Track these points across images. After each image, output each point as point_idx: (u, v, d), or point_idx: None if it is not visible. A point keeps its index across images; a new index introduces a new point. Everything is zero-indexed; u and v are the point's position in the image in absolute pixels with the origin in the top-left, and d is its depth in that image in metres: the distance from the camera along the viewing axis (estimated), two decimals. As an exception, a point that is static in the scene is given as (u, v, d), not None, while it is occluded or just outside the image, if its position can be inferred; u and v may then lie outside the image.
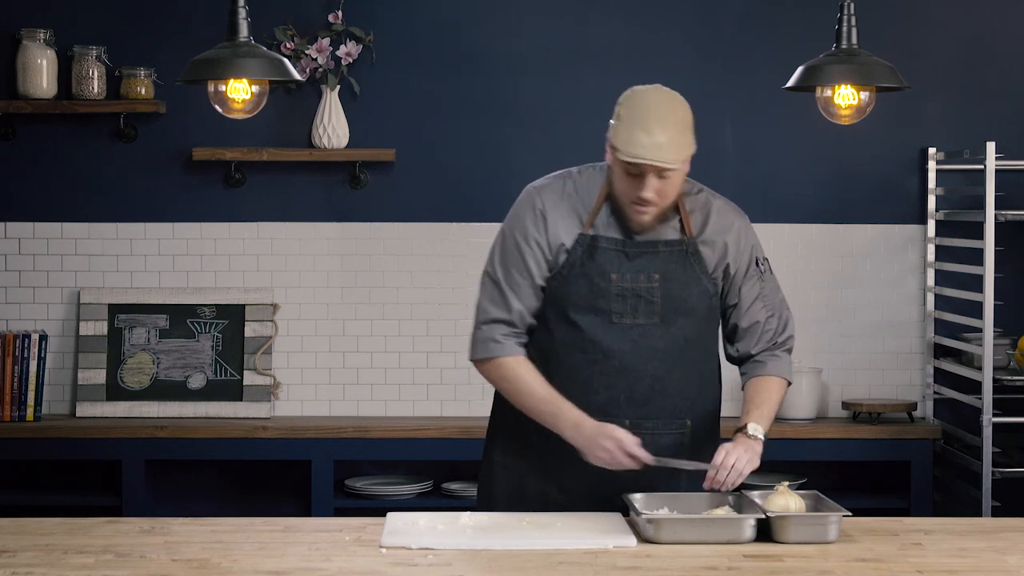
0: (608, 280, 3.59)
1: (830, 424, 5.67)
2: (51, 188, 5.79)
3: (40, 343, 5.67)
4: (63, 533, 3.39)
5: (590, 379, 3.61)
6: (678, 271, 3.61)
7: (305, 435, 5.54)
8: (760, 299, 3.70)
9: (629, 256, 3.60)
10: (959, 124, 5.82)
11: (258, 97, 4.12)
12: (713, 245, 3.65)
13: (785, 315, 3.75)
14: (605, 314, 3.60)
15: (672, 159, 3.47)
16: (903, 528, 3.48)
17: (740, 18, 5.82)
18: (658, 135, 3.46)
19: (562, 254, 3.61)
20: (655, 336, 3.61)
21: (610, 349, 3.60)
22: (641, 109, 3.51)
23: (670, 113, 3.51)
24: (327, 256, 5.82)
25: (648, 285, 3.60)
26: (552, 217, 3.62)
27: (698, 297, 3.63)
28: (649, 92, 3.56)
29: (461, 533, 3.34)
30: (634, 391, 3.61)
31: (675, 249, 3.62)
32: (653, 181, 3.49)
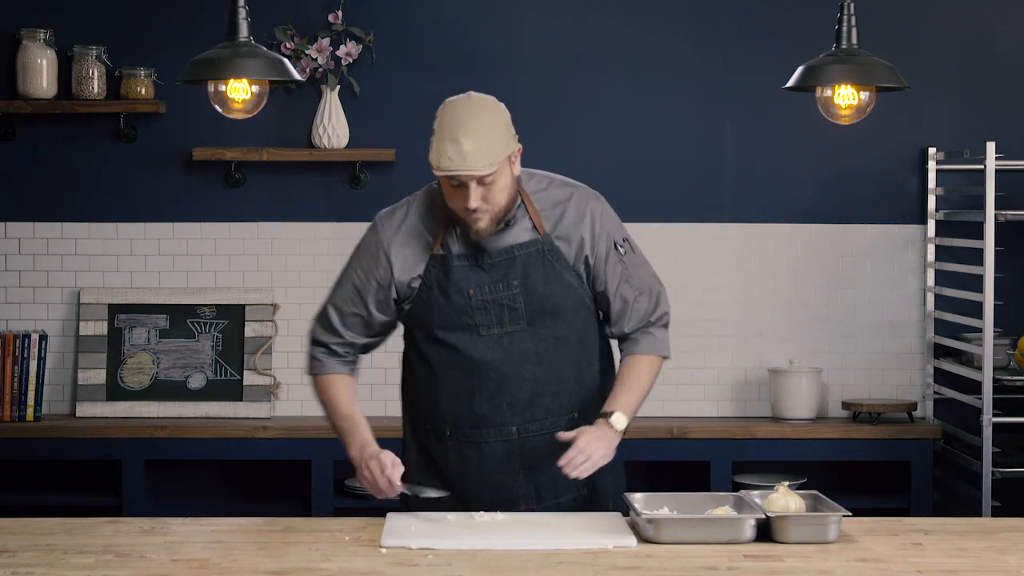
0: (466, 296, 3.63)
1: (830, 424, 5.67)
2: (51, 188, 5.79)
3: (40, 343, 5.67)
4: (63, 533, 3.39)
5: (471, 393, 3.66)
6: (537, 272, 3.62)
7: (305, 435, 5.54)
8: (625, 280, 3.70)
9: (484, 268, 3.62)
10: (959, 124, 5.82)
11: (258, 97, 4.12)
12: (569, 239, 3.65)
13: (656, 291, 3.76)
14: (472, 328, 3.64)
15: (481, 165, 3.46)
16: (903, 528, 3.48)
17: (740, 18, 5.82)
18: (465, 144, 3.45)
19: (415, 281, 3.65)
20: (525, 340, 3.64)
21: (483, 361, 3.64)
22: (448, 120, 3.50)
23: (476, 119, 3.49)
24: (327, 256, 5.82)
25: (508, 293, 3.62)
26: (395, 250, 3.66)
27: (562, 294, 3.65)
28: (457, 102, 3.55)
29: (461, 533, 3.35)
30: (515, 398, 3.65)
31: (531, 250, 3.63)
32: (476, 189, 3.49)
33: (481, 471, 3.65)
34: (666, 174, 5.84)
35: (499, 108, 3.57)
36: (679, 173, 5.83)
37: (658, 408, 5.78)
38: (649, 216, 5.80)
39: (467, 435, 3.67)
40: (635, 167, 5.82)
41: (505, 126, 3.55)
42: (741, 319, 5.84)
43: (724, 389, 5.86)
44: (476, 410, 3.65)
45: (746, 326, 5.84)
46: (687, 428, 5.57)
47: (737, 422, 5.70)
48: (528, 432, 3.64)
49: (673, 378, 5.79)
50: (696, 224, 5.84)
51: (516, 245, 3.61)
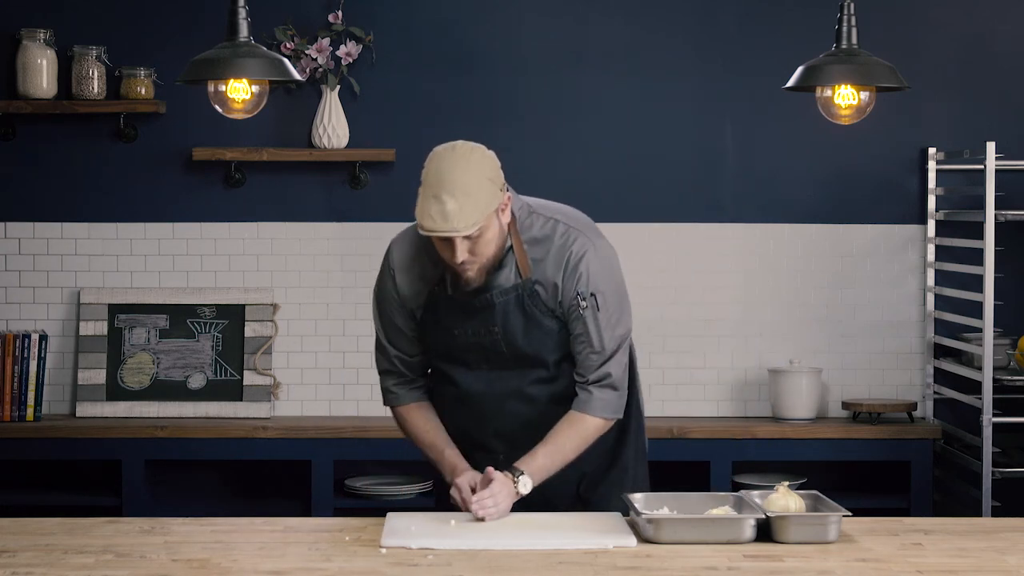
0: (452, 335, 3.66)
1: (830, 424, 5.67)
2: (51, 188, 5.79)
3: (40, 343, 5.67)
4: (63, 533, 3.39)
5: (467, 420, 3.74)
6: (516, 318, 3.62)
7: (305, 435, 5.54)
8: (580, 335, 3.64)
9: (467, 312, 3.63)
10: (959, 124, 5.82)
11: (258, 97, 4.12)
12: (545, 285, 3.61)
13: (608, 351, 3.64)
14: (462, 362, 3.69)
15: (464, 226, 3.42)
16: (903, 528, 3.48)
17: (740, 18, 5.82)
18: (448, 203, 3.42)
19: (418, 311, 3.68)
20: (510, 378, 3.68)
21: (470, 391, 3.70)
22: (433, 176, 3.48)
23: (459, 176, 3.45)
24: (327, 256, 5.82)
25: (490, 337, 3.64)
26: (400, 278, 3.68)
27: (541, 340, 3.64)
28: (443, 156, 3.50)
29: (461, 533, 3.35)
30: (500, 427, 3.71)
31: (510, 296, 3.62)
32: (462, 244, 3.47)
33: None
34: (666, 174, 5.84)
35: (484, 160, 3.49)
36: (679, 173, 5.83)
37: (658, 408, 5.78)
38: (649, 216, 5.80)
39: (463, 452, 3.73)
40: (635, 167, 5.82)
41: (490, 180, 3.48)
42: (741, 319, 5.84)
43: (724, 389, 5.86)
44: (469, 434, 3.74)
45: (746, 326, 5.84)
46: (687, 428, 5.57)
47: (737, 422, 5.70)
48: (515, 458, 3.63)
49: (673, 378, 5.79)
50: (696, 224, 5.83)
51: (497, 291, 3.60)
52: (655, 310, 5.81)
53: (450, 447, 3.72)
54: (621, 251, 3.80)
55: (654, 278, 5.83)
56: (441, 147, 3.53)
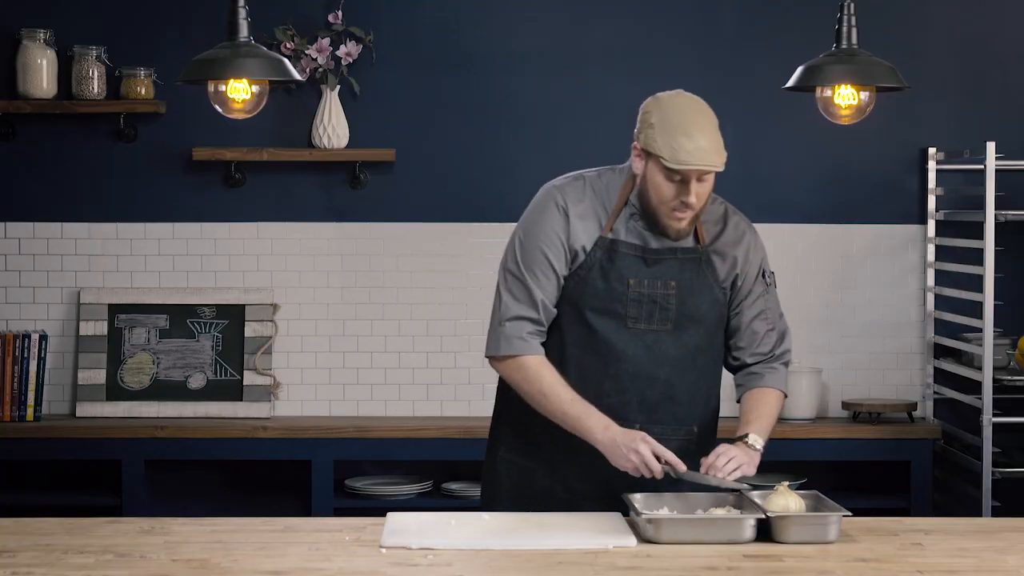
0: (626, 285, 3.60)
1: (830, 424, 5.67)
2: (51, 188, 5.79)
3: (40, 343, 5.67)
4: (63, 533, 3.39)
5: (602, 382, 3.62)
6: (693, 279, 3.63)
7: (305, 435, 5.54)
8: (762, 312, 3.71)
9: (648, 262, 3.61)
10: (959, 124, 5.82)
11: (258, 97, 4.12)
12: (724, 256, 3.66)
13: (783, 329, 3.77)
14: (620, 318, 3.61)
15: (718, 162, 3.48)
16: (903, 528, 3.48)
17: (740, 18, 5.82)
18: (700, 140, 3.46)
19: (581, 254, 3.61)
20: (668, 342, 3.63)
21: (623, 353, 3.61)
22: (676, 115, 3.49)
23: (705, 116, 3.51)
24: (327, 256, 5.82)
25: (664, 292, 3.61)
26: (573, 216, 3.61)
27: (709, 306, 3.65)
28: (678, 97, 3.55)
29: (461, 533, 3.34)
30: (645, 396, 3.63)
31: (690, 257, 3.63)
32: (696, 186, 3.49)
33: (592, 461, 3.56)
34: (666, 174, 5.82)
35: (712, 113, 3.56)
36: (679, 173, 5.82)
37: (658, 408, 5.77)
38: (649, 216, 5.79)
39: None
40: (635, 167, 5.81)
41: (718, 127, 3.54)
42: (741, 319, 5.83)
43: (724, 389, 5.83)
44: (603, 400, 3.59)
45: (746, 326, 5.83)
46: (687, 428, 5.56)
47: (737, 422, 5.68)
48: (651, 433, 3.55)
49: (673, 378, 5.79)
50: (696, 224, 5.83)
51: (680, 248, 3.61)
52: (655, 310, 5.80)
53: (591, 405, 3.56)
54: (621, 251, 3.79)
55: (654, 278, 5.82)
56: (664, 94, 3.55)
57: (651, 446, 3.49)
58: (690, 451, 3.64)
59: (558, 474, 3.67)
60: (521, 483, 3.71)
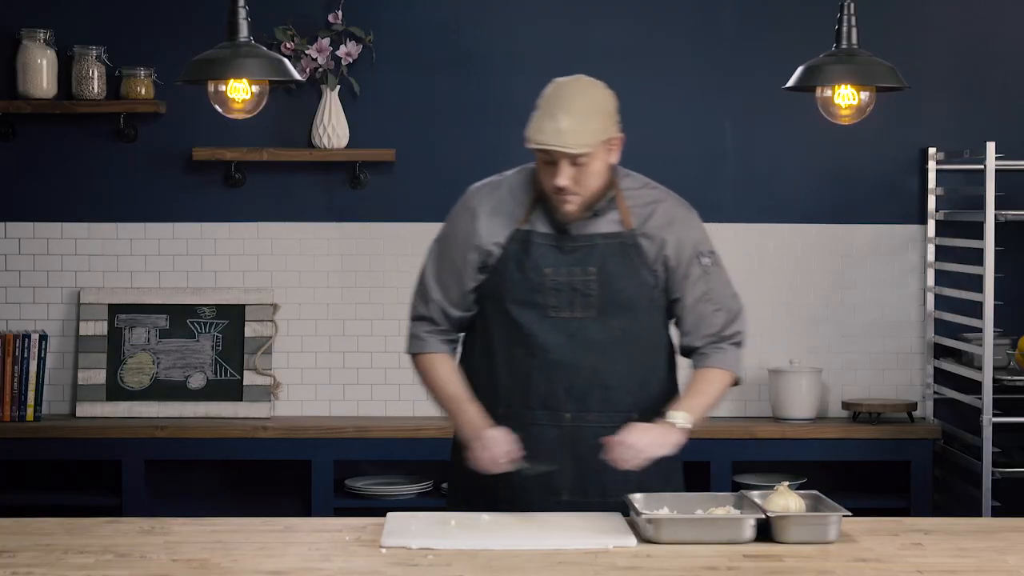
0: (542, 274, 3.62)
1: (830, 424, 5.67)
2: (51, 188, 5.79)
3: (40, 343, 5.67)
4: (63, 533, 3.39)
5: (529, 373, 3.64)
6: (616, 264, 3.62)
7: (305, 435, 5.54)
8: (704, 293, 3.68)
9: (563, 250, 3.62)
10: (959, 124, 5.82)
11: (258, 97, 4.12)
12: (653, 239, 3.65)
13: (735, 309, 3.73)
14: (541, 308, 3.63)
15: (573, 143, 3.48)
16: (903, 528, 3.48)
17: (740, 18, 5.82)
18: (562, 120, 3.49)
19: (496, 249, 3.64)
20: (592, 329, 3.63)
21: (546, 343, 3.62)
22: (551, 98, 3.55)
23: (579, 99, 3.54)
24: (327, 256, 5.82)
25: (584, 279, 3.61)
26: (483, 215, 3.67)
27: (636, 289, 3.64)
28: (564, 81, 3.62)
29: (461, 533, 3.35)
30: (572, 384, 3.63)
31: (613, 242, 3.63)
32: (566, 168, 3.51)
33: (529, 455, 3.58)
34: (666, 174, 5.78)
35: (604, 93, 3.60)
36: (679, 173, 5.81)
37: (658, 408, 5.78)
38: (649, 216, 5.79)
39: (520, 415, 3.64)
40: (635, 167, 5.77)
41: (607, 111, 3.56)
42: (741, 319, 5.83)
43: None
44: (532, 391, 3.63)
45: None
46: (687, 428, 5.56)
47: (737, 422, 5.70)
48: (582, 422, 3.61)
49: (673, 378, 5.79)
50: (696, 224, 5.83)
51: (599, 234, 3.62)
52: (655, 310, 5.80)
53: (473, 402, 3.64)
54: (621, 251, 3.80)
55: (654, 278, 5.82)
56: (561, 78, 3.63)
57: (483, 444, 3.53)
58: None
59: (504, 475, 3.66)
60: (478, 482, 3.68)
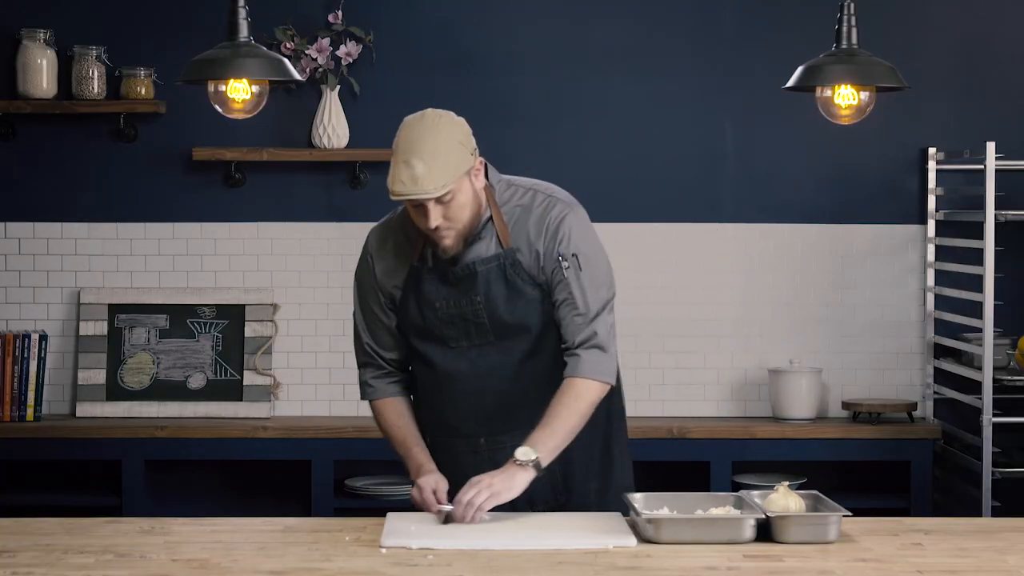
0: (434, 309, 3.62)
1: (830, 424, 5.67)
2: (51, 188, 5.79)
3: (40, 343, 5.67)
4: (63, 533, 3.39)
5: (441, 401, 3.68)
6: (499, 288, 3.59)
7: (305, 435, 5.54)
8: (567, 299, 3.60)
9: (450, 282, 3.60)
10: (959, 124, 5.82)
11: (258, 97, 4.13)
12: (527, 251, 3.60)
13: (593, 311, 3.60)
14: (441, 341, 3.65)
15: (432, 188, 3.41)
16: (903, 528, 3.48)
17: (740, 18, 5.82)
18: (416, 166, 3.41)
19: (396, 291, 3.66)
20: (491, 354, 3.63)
21: (449, 371, 3.65)
22: (402, 143, 3.47)
23: (428, 140, 3.44)
24: (327, 256, 5.82)
25: (472, 308, 3.60)
26: (378, 260, 3.68)
27: (525, 310, 3.61)
28: (412, 123, 3.50)
29: (461, 533, 3.35)
30: (480, 410, 3.65)
31: (492, 266, 3.59)
32: (435, 208, 3.46)
33: (455, 479, 3.59)
34: (666, 174, 5.84)
35: (453, 125, 3.48)
36: (679, 173, 5.83)
37: (658, 408, 5.78)
38: (649, 216, 5.80)
39: (443, 444, 3.71)
40: (635, 167, 5.82)
41: (459, 143, 3.46)
42: (741, 319, 5.84)
43: (724, 389, 5.86)
44: (447, 420, 3.69)
45: (746, 326, 5.84)
46: (687, 428, 5.57)
47: (737, 422, 5.70)
48: (497, 444, 3.63)
49: (673, 378, 5.79)
50: (696, 224, 5.83)
51: (479, 260, 3.59)
52: (655, 310, 5.81)
53: (418, 446, 3.69)
54: (621, 251, 3.82)
55: (654, 278, 5.83)
56: (410, 116, 3.53)
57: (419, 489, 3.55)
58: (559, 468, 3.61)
59: None
60: None
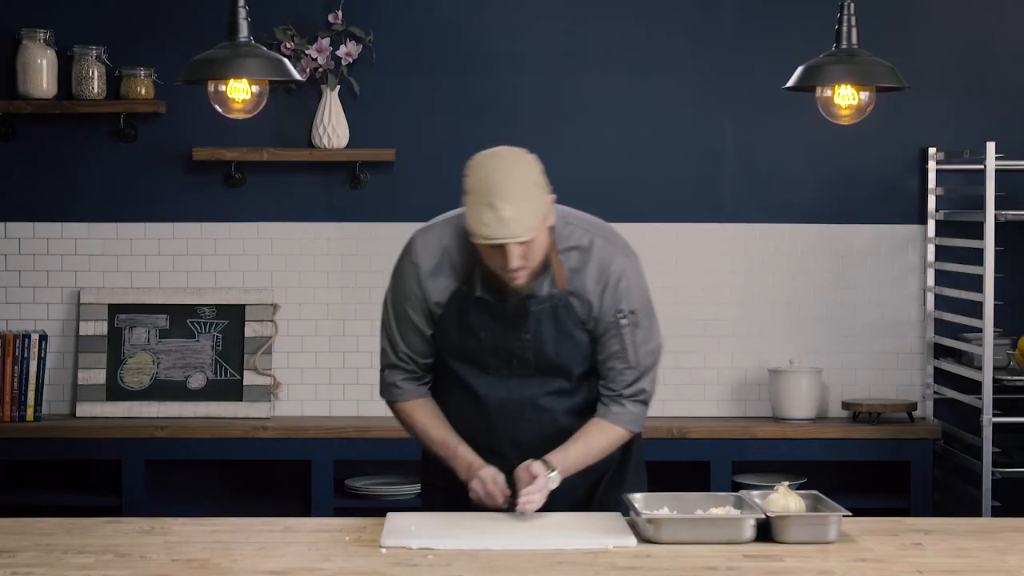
0: (478, 339, 3.61)
1: (830, 424, 5.67)
2: (51, 188, 5.79)
3: (40, 343, 5.67)
4: (63, 533, 3.39)
5: (474, 422, 3.67)
6: (548, 328, 3.59)
7: (305, 435, 5.54)
8: (618, 351, 3.62)
9: (497, 317, 3.58)
10: (959, 124, 5.82)
11: (258, 97, 4.12)
12: (582, 296, 3.59)
13: (645, 366, 3.65)
14: (481, 366, 3.64)
15: (521, 232, 3.38)
16: (903, 528, 3.48)
17: (740, 18, 5.82)
18: (504, 210, 3.37)
19: (436, 309, 3.62)
20: (532, 386, 3.64)
21: (487, 396, 3.64)
22: (483, 183, 3.41)
23: (511, 182, 3.40)
24: (327, 256, 5.82)
25: (520, 344, 3.60)
26: (425, 273, 3.62)
27: (571, 351, 3.62)
28: (489, 163, 3.45)
29: (461, 533, 3.35)
30: (516, 435, 3.64)
31: (545, 306, 3.58)
32: (515, 250, 3.42)
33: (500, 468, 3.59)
34: (666, 174, 5.83)
35: (529, 165, 3.45)
36: (679, 173, 5.83)
37: (658, 408, 5.75)
38: (649, 216, 5.80)
39: None
40: (635, 167, 5.82)
41: (539, 184, 3.44)
42: (741, 319, 5.84)
43: (724, 389, 5.86)
44: (478, 439, 3.66)
45: (746, 326, 5.84)
46: (687, 428, 5.57)
47: (737, 422, 5.70)
48: None
49: (673, 378, 5.79)
50: (696, 224, 5.83)
51: (533, 299, 3.56)
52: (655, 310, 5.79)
53: (463, 444, 3.65)
54: (621, 251, 3.79)
55: (654, 278, 5.74)
56: (483, 154, 3.48)
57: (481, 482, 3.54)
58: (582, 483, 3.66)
59: None
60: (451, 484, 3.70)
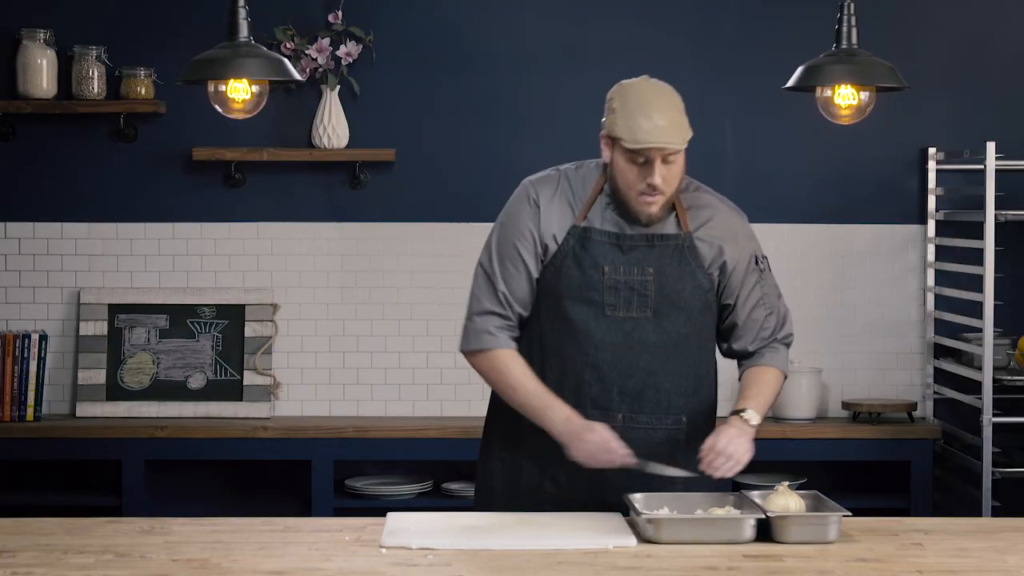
0: (601, 272, 3.60)
1: (830, 424, 5.67)
2: (51, 188, 5.79)
3: (40, 343, 5.67)
4: (63, 533, 3.39)
5: (582, 372, 3.62)
6: (672, 266, 3.61)
7: (305, 435, 5.54)
8: (760, 299, 3.70)
9: (623, 249, 3.60)
10: (959, 124, 5.82)
11: (258, 97, 4.12)
12: (710, 243, 3.65)
13: (783, 312, 3.75)
14: (597, 306, 3.60)
15: (676, 140, 3.49)
16: (903, 528, 3.48)
17: (740, 18, 5.82)
18: (658, 119, 3.49)
19: (553, 244, 3.62)
20: (647, 330, 3.62)
21: (601, 342, 3.61)
22: (636, 98, 3.54)
23: (664, 97, 3.55)
24: (327, 256, 5.82)
25: (642, 278, 3.60)
26: (545, 208, 3.63)
27: (692, 292, 3.63)
28: (639, 82, 3.62)
29: (461, 533, 3.35)
30: (625, 385, 3.62)
31: (670, 243, 3.62)
32: (659, 167, 3.50)
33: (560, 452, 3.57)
34: (666, 174, 5.83)
35: (676, 94, 3.60)
36: (679, 173, 5.82)
37: (658, 408, 5.77)
38: (649, 216, 5.79)
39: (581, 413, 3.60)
40: (635, 167, 5.81)
41: (684, 110, 3.57)
42: (741, 319, 5.83)
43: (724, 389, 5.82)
44: (585, 391, 3.61)
45: (746, 326, 5.83)
46: (687, 428, 5.57)
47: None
48: (634, 423, 3.61)
49: (673, 378, 5.78)
50: (696, 224, 5.83)
51: (657, 235, 3.61)
52: (655, 310, 5.80)
53: (556, 397, 3.59)
54: (621, 251, 3.79)
55: (654, 278, 5.82)
56: (628, 80, 3.64)
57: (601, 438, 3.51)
58: (680, 441, 3.66)
59: (546, 470, 3.67)
60: (512, 479, 3.71)
